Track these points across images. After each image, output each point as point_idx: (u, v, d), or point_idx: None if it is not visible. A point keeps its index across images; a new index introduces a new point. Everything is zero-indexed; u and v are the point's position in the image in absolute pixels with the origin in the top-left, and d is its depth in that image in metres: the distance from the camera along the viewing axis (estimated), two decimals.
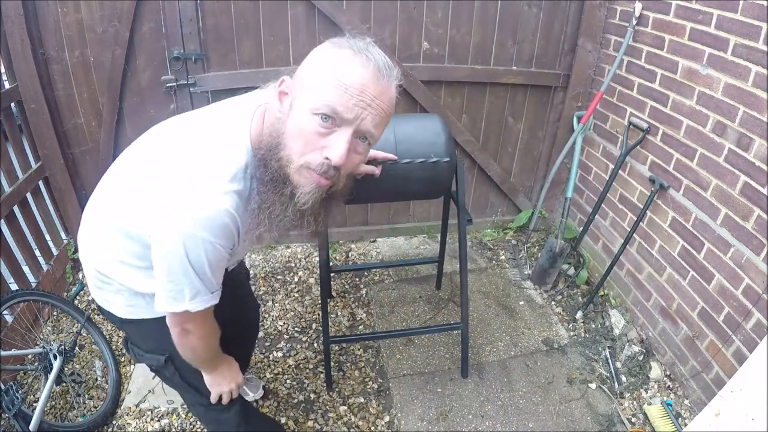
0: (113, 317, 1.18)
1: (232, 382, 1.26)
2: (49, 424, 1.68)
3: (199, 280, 0.93)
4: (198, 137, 0.95)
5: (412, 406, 1.97)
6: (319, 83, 0.84)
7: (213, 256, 0.91)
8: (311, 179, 0.88)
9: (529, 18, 2.46)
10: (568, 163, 2.74)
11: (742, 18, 1.66)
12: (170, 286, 0.93)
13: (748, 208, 1.69)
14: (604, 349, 2.26)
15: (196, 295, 0.95)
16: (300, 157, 0.86)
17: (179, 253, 0.88)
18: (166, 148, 0.97)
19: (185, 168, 0.90)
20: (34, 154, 2.35)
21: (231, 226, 0.90)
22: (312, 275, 2.67)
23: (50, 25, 2.11)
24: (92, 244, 1.10)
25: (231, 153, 0.91)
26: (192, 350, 1.11)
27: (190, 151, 0.93)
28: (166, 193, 0.90)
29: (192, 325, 1.04)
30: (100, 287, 1.14)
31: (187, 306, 0.95)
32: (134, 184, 0.99)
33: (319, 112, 0.83)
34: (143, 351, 1.23)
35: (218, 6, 2.20)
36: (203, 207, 0.87)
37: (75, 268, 2.62)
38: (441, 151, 1.64)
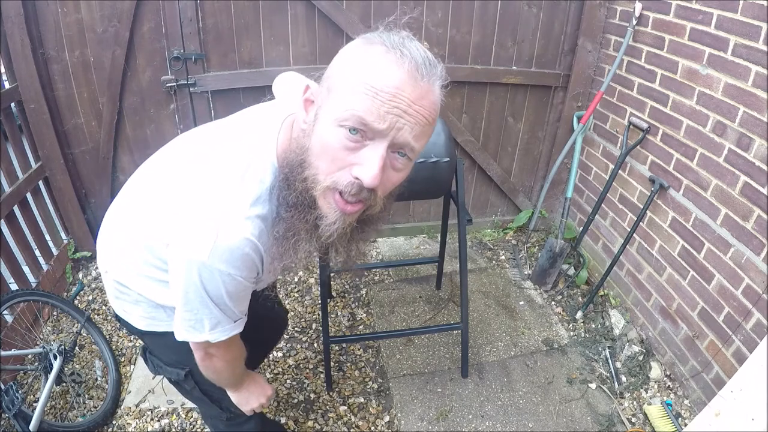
0: (132, 328, 1.11)
1: (262, 396, 1.20)
2: (49, 424, 1.68)
3: (219, 310, 0.85)
4: (221, 153, 0.85)
5: (412, 406, 1.98)
6: (345, 88, 0.70)
7: (233, 288, 0.82)
8: (336, 206, 0.75)
9: (529, 18, 2.46)
10: (568, 163, 2.74)
11: (742, 18, 1.66)
12: (188, 315, 0.86)
13: (748, 208, 1.69)
14: (604, 349, 2.26)
15: (216, 325, 0.88)
16: (326, 177, 0.73)
17: (195, 283, 0.80)
18: (188, 162, 0.89)
19: (205, 188, 0.81)
20: (34, 154, 2.35)
21: (253, 255, 0.80)
22: (312, 275, 2.67)
23: (50, 25, 2.11)
24: (111, 253, 1.04)
25: (254, 173, 0.80)
26: (216, 372, 1.04)
27: (210, 170, 0.83)
28: (183, 215, 0.81)
29: (216, 350, 0.97)
30: (118, 297, 1.08)
31: (207, 336, 0.88)
32: (155, 198, 0.92)
33: (345, 124, 0.69)
34: (162, 363, 1.17)
35: (218, 6, 2.20)
36: (221, 236, 0.77)
37: (75, 268, 2.62)
38: (441, 151, 1.64)
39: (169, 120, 2.41)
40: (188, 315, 0.86)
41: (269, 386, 1.24)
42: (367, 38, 0.74)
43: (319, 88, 0.76)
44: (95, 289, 2.54)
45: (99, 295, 2.50)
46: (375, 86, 0.67)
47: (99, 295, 2.50)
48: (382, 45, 0.70)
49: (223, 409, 1.23)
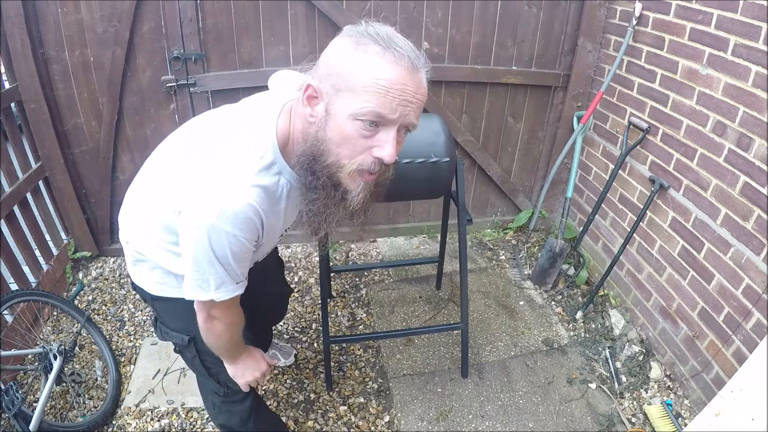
0: (145, 293, 1.22)
1: (257, 371, 1.27)
2: (49, 424, 1.68)
3: (224, 270, 0.95)
4: (226, 133, 0.98)
5: (412, 406, 1.98)
6: (357, 88, 0.82)
7: (237, 249, 0.93)
8: (362, 180, 0.90)
9: (529, 18, 2.46)
10: (568, 163, 2.74)
11: (742, 18, 1.66)
12: (196, 275, 0.96)
13: (748, 208, 1.69)
14: (604, 349, 2.26)
15: (221, 285, 0.97)
16: (351, 161, 0.87)
17: (204, 244, 0.91)
18: (197, 141, 1.01)
19: (212, 162, 0.93)
20: (34, 154, 2.36)
21: (255, 219, 0.92)
22: (312, 275, 2.67)
23: (50, 25, 2.11)
24: (131, 227, 1.16)
25: (257, 149, 0.93)
26: (216, 337, 1.12)
27: (217, 147, 0.95)
28: (193, 184, 0.92)
29: (218, 312, 1.06)
30: (135, 264, 1.20)
31: (212, 295, 0.98)
32: (167, 175, 1.03)
33: (364, 119, 0.83)
34: (169, 329, 1.26)
35: (218, 6, 2.20)
36: (228, 200, 0.88)
37: (75, 268, 2.62)
38: (441, 151, 1.64)
39: (169, 120, 2.41)
40: (196, 275, 0.96)
41: (265, 362, 1.31)
42: (358, 37, 0.84)
43: (322, 85, 0.86)
44: (95, 289, 2.54)
45: (99, 295, 2.50)
46: (385, 86, 0.81)
47: (99, 295, 2.50)
48: (376, 44, 0.82)
49: (221, 383, 1.31)
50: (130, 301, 2.46)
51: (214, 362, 1.27)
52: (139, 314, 2.38)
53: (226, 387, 1.32)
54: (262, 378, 1.29)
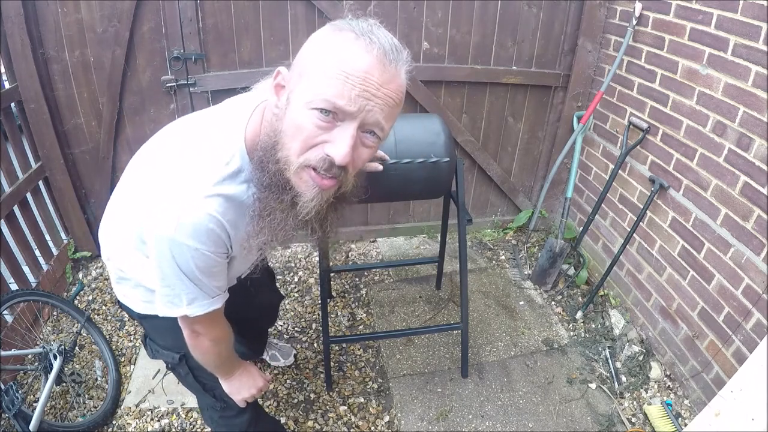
0: (131, 312, 1.19)
1: (253, 387, 1.24)
2: (49, 424, 1.68)
3: (194, 285, 0.89)
4: (194, 139, 0.90)
5: (412, 406, 1.97)
6: (316, 73, 0.73)
7: (203, 263, 0.86)
8: (312, 182, 0.78)
9: (529, 18, 2.46)
10: (568, 163, 2.74)
11: (742, 18, 1.66)
12: (166, 290, 0.91)
13: (748, 208, 1.69)
14: (604, 349, 2.26)
15: (193, 301, 0.92)
16: (298, 157, 0.76)
17: (168, 258, 0.85)
18: (163, 150, 0.95)
19: (173, 170, 0.86)
20: (34, 154, 2.35)
21: (218, 231, 0.84)
22: (312, 275, 2.67)
23: (50, 25, 2.11)
24: (110, 243, 1.11)
25: (223, 155, 0.84)
26: (204, 353, 1.08)
27: (182, 154, 0.88)
28: (154, 197, 0.86)
29: (201, 328, 1.01)
30: (118, 282, 1.15)
31: (185, 311, 0.92)
32: (137, 187, 0.97)
33: (317, 106, 0.72)
34: (159, 347, 1.23)
35: (218, 6, 2.20)
36: (186, 212, 0.81)
37: (75, 268, 2.62)
38: (441, 151, 1.64)
39: (169, 120, 2.36)
40: (166, 290, 0.90)
41: (262, 378, 1.27)
42: (337, 25, 0.76)
43: (290, 73, 0.79)
44: (95, 289, 2.54)
45: (99, 295, 2.50)
46: (345, 71, 0.70)
47: (99, 295, 2.50)
48: (351, 32, 0.73)
49: (217, 398, 1.27)
50: (116, 303, 2.46)
51: (208, 378, 1.22)
52: None
53: (222, 402, 1.28)
54: (258, 393, 1.26)
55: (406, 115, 2.53)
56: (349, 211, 2.96)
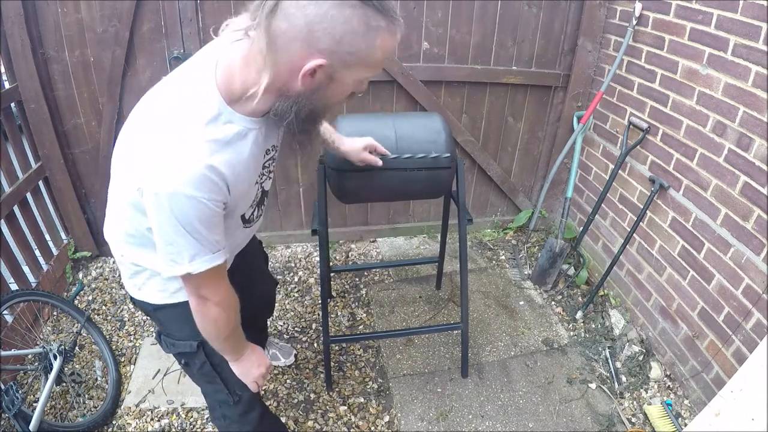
0: (146, 306, 1.20)
1: (261, 366, 1.25)
2: (49, 424, 1.68)
3: (194, 239, 0.91)
4: (166, 102, 0.95)
5: (412, 406, 1.98)
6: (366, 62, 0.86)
7: (201, 213, 0.89)
8: None
9: (529, 18, 2.46)
10: (568, 163, 2.74)
11: (742, 18, 1.66)
12: (168, 248, 0.93)
13: (748, 208, 1.69)
14: (604, 349, 2.26)
15: (195, 257, 0.93)
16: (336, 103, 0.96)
17: (167, 214, 0.87)
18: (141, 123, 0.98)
19: (158, 131, 0.90)
20: (34, 154, 2.35)
21: (213, 177, 0.89)
22: (312, 275, 2.67)
23: (50, 25, 2.10)
24: (120, 238, 1.12)
25: (199, 106, 0.90)
26: (213, 322, 1.07)
27: (160, 117, 0.92)
28: (145, 159, 0.89)
29: (207, 291, 1.02)
30: (132, 276, 1.17)
31: (187, 268, 0.94)
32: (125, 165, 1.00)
33: (362, 80, 0.91)
34: (175, 339, 1.23)
35: (218, 6, 2.20)
36: (181, 163, 0.86)
37: (75, 268, 2.62)
38: (441, 149, 1.65)
39: None
40: (168, 248, 0.93)
41: (267, 359, 1.29)
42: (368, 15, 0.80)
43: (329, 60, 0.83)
44: (95, 289, 2.54)
45: (99, 295, 2.50)
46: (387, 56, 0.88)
47: (99, 295, 2.50)
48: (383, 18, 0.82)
49: (230, 391, 1.28)
50: (130, 301, 2.46)
51: (224, 365, 1.24)
52: (139, 314, 2.38)
53: (236, 395, 1.29)
54: (267, 373, 1.27)
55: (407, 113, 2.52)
56: (348, 212, 2.99)
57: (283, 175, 2.69)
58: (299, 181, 2.73)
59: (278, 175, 2.67)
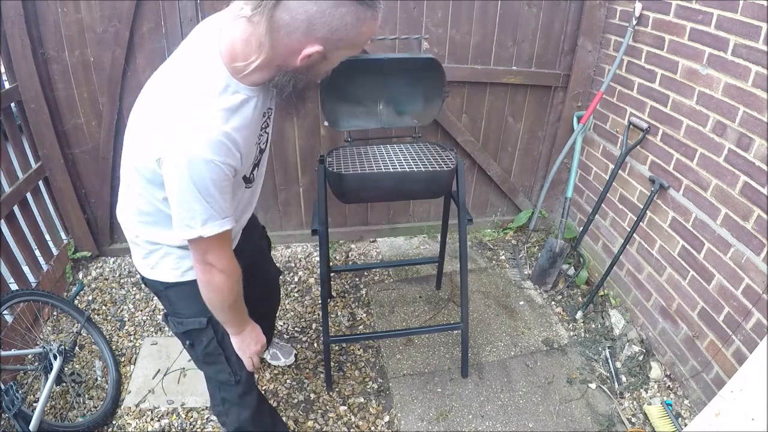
0: (157, 285, 1.26)
1: (258, 343, 1.31)
2: (49, 424, 1.68)
3: (207, 204, 0.99)
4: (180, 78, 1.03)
5: (412, 406, 1.98)
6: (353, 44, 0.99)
7: (216, 176, 0.97)
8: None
9: (529, 18, 2.46)
10: (568, 163, 2.74)
11: (742, 18, 1.66)
12: (183, 214, 1.00)
13: (748, 208, 1.69)
14: (604, 349, 2.26)
15: (207, 221, 1.00)
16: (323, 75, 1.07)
17: (185, 178, 0.95)
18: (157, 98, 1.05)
19: (173, 104, 0.98)
20: (34, 154, 2.36)
21: (227, 142, 0.98)
22: (312, 275, 2.67)
23: (50, 25, 2.11)
24: (131, 214, 1.18)
25: (207, 79, 1.00)
26: (218, 290, 1.13)
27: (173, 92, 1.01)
28: (163, 130, 0.97)
29: (212, 257, 1.07)
30: (147, 256, 1.23)
31: (200, 231, 1.01)
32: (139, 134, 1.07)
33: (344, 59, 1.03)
34: (184, 317, 1.28)
35: (218, 6, 2.19)
36: (197, 130, 0.95)
37: (75, 268, 2.62)
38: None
39: None
40: (183, 214, 1.00)
41: (264, 337, 1.34)
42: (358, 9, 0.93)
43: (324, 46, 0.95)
44: (95, 289, 2.54)
45: (99, 295, 2.50)
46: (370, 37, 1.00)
47: (99, 295, 2.50)
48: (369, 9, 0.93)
49: (232, 370, 1.34)
50: (130, 301, 2.46)
51: (227, 343, 1.30)
52: (139, 314, 2.38)
53: (237, 375, 1.35)
54: (261, 350, 1.33)
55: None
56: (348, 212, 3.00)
57: (283, 175, 2.69)
58: (299, 181, 2.73)
59: (278, 174, 2.67)
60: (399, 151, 1.92)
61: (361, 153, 1.90)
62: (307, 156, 2.64)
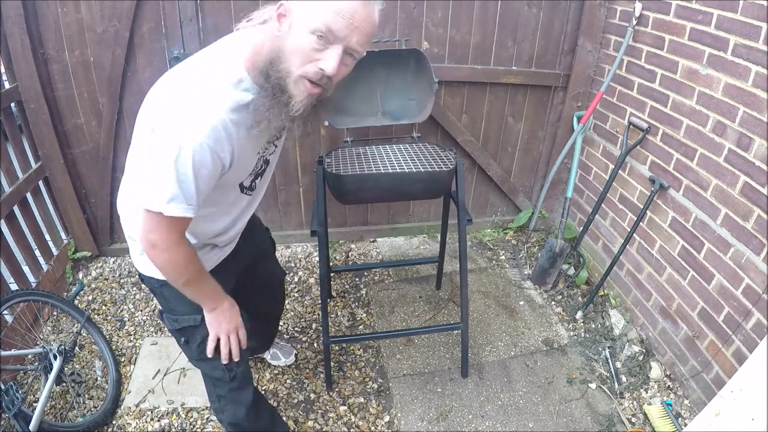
0: (153, 282, 1.27)
1: (231, 323, 1.28)
2: (49, 424, 1.68)
3: (179, 184, 0.98)
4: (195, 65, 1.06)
5: (412, 406, 1.98)
6: (316, 8, 0.95)
7: (201, 159, 0.97)
8: (305, 89, 1.00)
9: (529, 18, 2.46)
10: (568, 163, 2.74)
11: (742, 18, 1.66)
12: (154, 184, 0.99)
13: (748, 208, 1.69)
14: (604, 349, 2.26)
15: (172, 200, 1.00)
16: (298, 69, 0.98)
17: (170, 150, 0.95)
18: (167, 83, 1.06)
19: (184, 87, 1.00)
20: (34, 154, 2.36)
21: (221, 129, 0.98)
22: (312, 275, 2.67)
23: (50, 25, 2.11)
24: (131, 206, 1.19)
25: (225, 68, 1.02)
26: (162, 267, 1.12)
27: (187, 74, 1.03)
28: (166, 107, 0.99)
29: (157, 236, 1.06)
30: (142, 253, 1.21)
31: (162, 207, 1.00)
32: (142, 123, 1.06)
33: (316, 32, 0.95)
34: (179, 314, 1.29)
35: (218, 6, 2.20)
36: (198, 108, 0.96)
37: (75, 268, 2.62)
38: None
39: None
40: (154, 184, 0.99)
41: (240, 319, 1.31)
42: None
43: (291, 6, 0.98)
44: (95, 289, 2.54)
45: (99, 295, 2.50)
46: (340, 9, 0.94)
47: (99, 295, 2.50)
48: None
49: (227, 367, 1.33)
50: (130, 301, 2.46)
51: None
52: (139, 314, 2.38)
53: (231, 371, 1.35)
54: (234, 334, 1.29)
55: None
56: (348, 212, 3.00)
57: (283, 175, 2.69)
58: (299, 181, 2.73)
59: (278, 174, 2.67)
60: (398, 151, 1.92)
61: (360, 153, 1.90)
62: (307, 156, 2.64)
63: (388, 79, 2.22)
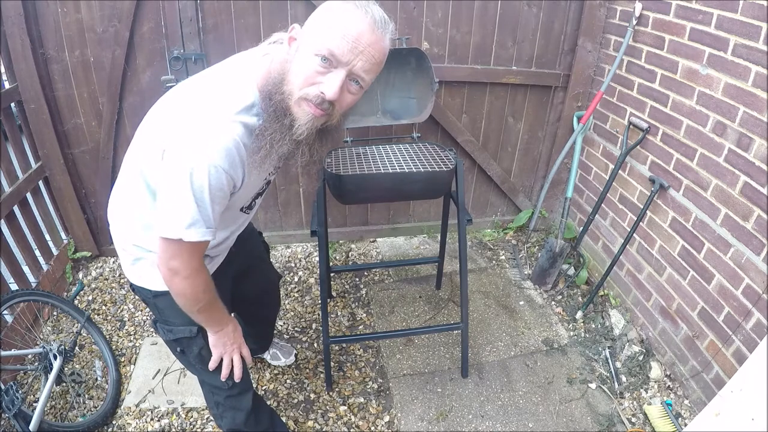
0: (146, 292, 1.24)
1: (235, 344, 1.28)
2: (49, 424, 1.68)
3: (197, 208, 0.97)
4: (209, 84, 1.05)
5: (412, 406, 1.98)
6: (322, 31, 0.95)
7: (216, 182, 0.97)
8: (308, 111, 0.98)
9: (529, 18, 2.46)
10: (568, 163, 2.74)
11: (742, 18, 1.66)
12: (172, 211, 0.98)
13: (748, 208, 1.69)
14: (604, 349, 2.26)
15: (192, 225, 0.99)
16: (299, 90, 0.97)
17: (185, 175, 0.94)
18: (178, 100, 1.06)
19: (196, 107, 0.99)
20: (34, 154, 2.36)
21: (235, 153, 0.97)
22: (312, 275, 2.67)
23: (50, 25, 2.11)
24: (122, 218, 1.18)
25: (238, 92, 1.01)
26: (181, 295, 1.10)
27: (200, 95, 1.02)
28: (177, 128, 0.98)
29: (179, 263, 1.05)
30: (134, 263, 1.21)
31: (182, 233, 0.99)
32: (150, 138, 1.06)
33: (319, 54, 0.94)
34: (174, 325, 1.26)
35: (218, 6, 2.20)
36: (213, 134, 0.95)
37: (75, 268, 2.62)
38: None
39: None
40: (171, 211, 0.98)
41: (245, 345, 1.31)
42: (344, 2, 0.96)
43: (302, 30, 1.00)
44: (95, 289, 2.54)
45: (99, 295, 2.50)
46: (344, 31, 0.93)
47: (99, 295, 2.50)
48: (352, 4, 0.95)
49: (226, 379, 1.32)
50: (130, 301, 2.46)
51: None
52: (139, 314, 2.38)
53: (229, 379, 1.33)
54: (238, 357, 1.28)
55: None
56: (349, 212, 3.00)
57: (283, 175, 2.69)
58: (299, 181, 2.73)
59: (278, 174, 2.67)
60: (398, 151, 1.92)
61: (360, 153, 1.90)
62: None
63: (389, 78, 2.23)
